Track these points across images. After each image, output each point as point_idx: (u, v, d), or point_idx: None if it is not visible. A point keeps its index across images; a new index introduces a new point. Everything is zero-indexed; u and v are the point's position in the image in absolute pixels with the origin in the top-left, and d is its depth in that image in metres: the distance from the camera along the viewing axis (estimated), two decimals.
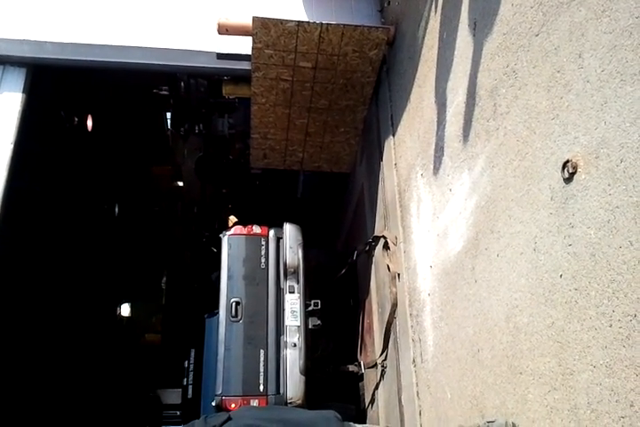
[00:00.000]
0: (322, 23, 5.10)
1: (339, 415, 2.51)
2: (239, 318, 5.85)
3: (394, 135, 5.31)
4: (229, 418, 2.33)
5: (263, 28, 5.08)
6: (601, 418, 2.11)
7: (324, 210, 8.80)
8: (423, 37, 4.55)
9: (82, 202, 8.73)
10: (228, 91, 6.40)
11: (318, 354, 6.29)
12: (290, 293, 6.05)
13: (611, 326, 2.08)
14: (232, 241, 6.26)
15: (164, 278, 13.98)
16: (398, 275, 4.87)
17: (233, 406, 5.34)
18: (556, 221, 2.47)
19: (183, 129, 9.19)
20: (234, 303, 5.89)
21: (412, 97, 4.79)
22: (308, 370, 5.76)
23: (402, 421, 4.56)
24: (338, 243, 8.46)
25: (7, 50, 5.55)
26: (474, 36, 3.52)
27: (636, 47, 2.03)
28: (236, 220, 10.04)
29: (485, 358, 3.13)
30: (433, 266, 4.06)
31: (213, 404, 5.50)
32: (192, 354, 6.99)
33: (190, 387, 6.90)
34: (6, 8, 5.74)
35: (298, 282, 6.12)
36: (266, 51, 5.24)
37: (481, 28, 3.41)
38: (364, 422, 5.76)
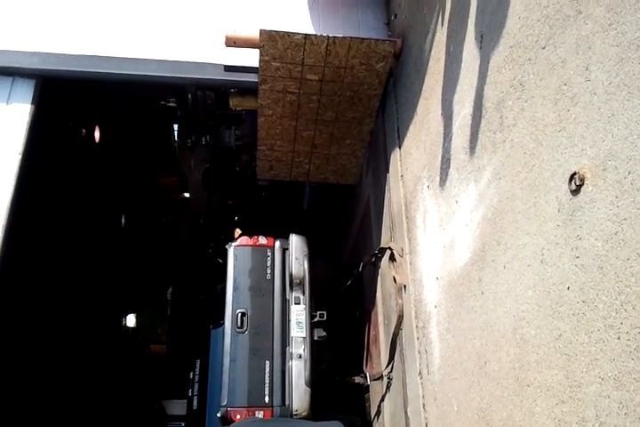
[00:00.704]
0: (329, 36, 5.13)
1: (343, 426, 2.49)
2: (245, 329, 5.85)
3: (400, 147, 5.32)
4: None
5: (270, 41, 5.11)
6: None
7: (331, 221, 8.81)
8: (430, 50, 4.57)
9: (89, 213, 8.76)
10: (235, 103, 6.43)
11: (324, 366, 6.28)
12: (295, 304, 6.05)
13: (619, 338, 2.07)
14: (238, 252, 6.28)
15: (170, 289, 13.98)
16: (404, 286, 4.87)
17: (238, 417, 5.32)
18: (563, 233, 2.47)
19: (190, 140, 9.22)
20: (239, 314, 5.90)
21: (419, 109, 4.80)
22: (314, 382, 5.74)
23: None
24: (344, 254, 8.46)
25: (17, 61, 5.60)
26: (480, 48, 3.54)
27: None
28: (240, 232, 10.05)
29: (492, 371, 3.12)
30: (439, 278, 4.05)
31: (218, 415, 5.49)
32: (197, 365, 6.98)
33: (195, 398, 6.88)
34: (16, 20, 5.79)
35: (303, 293, 6.13)
36: (273, 63, 5.27)
37: (488, 41, 3.42)
38: None
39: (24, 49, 5.62)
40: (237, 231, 10.45)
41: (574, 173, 2.39)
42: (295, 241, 6.41)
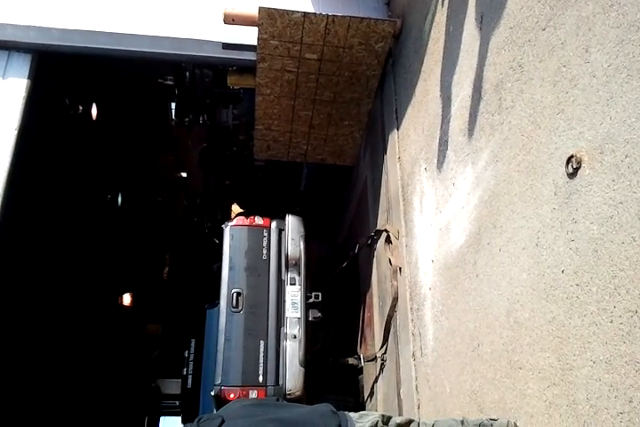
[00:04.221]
0: (328, 15, 5.08)
1: (333, 408, 2.48)
2: (240, 308, 5.85)
3: (398, 129, 5.30)
4: (223, 421, 2.29)
5: (269, 19, 5.06)
6: (599, 414, 2.11)
7: (327, 202, 8.79)
8: (429, 31, 4.53)
9: (85, 191, 8.73)
10: (233, 81, 6.38)
11: (318, 346, 6.30)
12: (291, 284, 6.05)
13: (611, 321, 2.07)
14: (234, 232, 6.26)
15: (166, 268, 13.99)
16: (400, 269, 4.87)
17: (232, 396, 5.35)
18: (559, 217, 2.46)
19: (187, 119, 9.18)
20: (235, 294, 5.90)
21: (417, 91, 4.77)
22: (308, 362, 5.76)
23: (400, 414, 4.56)
24: (340, 236, 8.46)
25: (13, 35, 5.53)
26: (480, 29, 3.50)
27: None
28: (240, 210, 10.02)
29: (485, 353, 3.13)
30: (435, 260, 4.05)
31: (212, 394, 5.51)
32: (192, 344, 7.01)
33: (190, 377, 6.92)
34: None
35: (299, 274, 6.12)
36: (271, 41, 5.22)
37: (488, 22, 3.39)
38: None
39: (20, 23, 5.55)
40: (234, 210, 10.43)
41: (571, 156, 2.38)
42: (291, 222, 6.40)
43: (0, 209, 5.03)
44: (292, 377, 5.64)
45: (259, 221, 6.34)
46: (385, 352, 5.27)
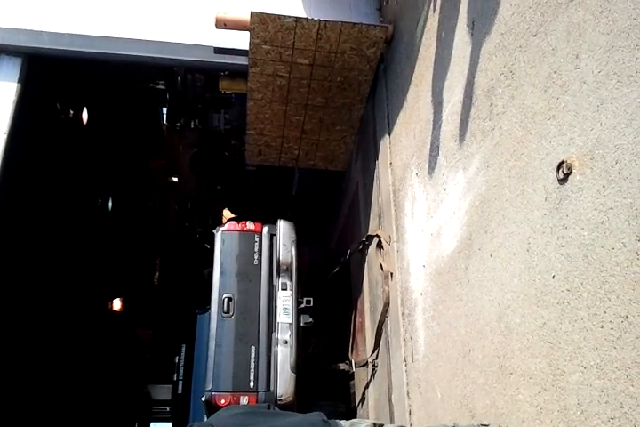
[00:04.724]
0: (320, 20, 5.09)
1: (324, 417, 2.45)
2: (231, 314, 5.84)
3: (390, 134, 5.30)
4: None
5: (261, 24, 5.06)
6: (590, 419, 2.10)
7: (319, 208, 8.79)
8: (421, 36, 4.54)
9: (76, 195, 8.69)
10: (225, 86, 6.39)
11: (309, 352, 6.29)
12: (282, 290, 6.04)
13: (602, 327, 2.07)
14: (225, 237, 6.25)
15: (157, 273, 13.95)
16: (391, 274, 4.87)
17: (223, 401, 5.33)
18: (549, 222, 2.47)
19: (179, 124, 9.18)
20: (226, 299, 5.88)
21: (409, 96, 4.78)
22: (299, 368, 5.75)
23: (392, 420, 4.55)
24: (331, 241, 8.45)
25: (3, 39, 5.52)
26: (472, 35, 3.51)
27: (633, 48, 2.02)
28: (231, 215, 10.01)
29: (476, 358, 3.12)
30: (426, 265, 4.05)
31: (203, 399, 5.49)
32: (183, 349, 6.97)
33: (180, 383, 6.88)
34: None
35: (290, 279, 6.11)
36: (263, 46, 5.22)
37: (479, 28, 3.40)
38: None
39: (11, 26, 5.53)
40: (225, 215, 10.42)
41: (562, 162, 2.38)
42: (283, 227, 6.39)
43: None
44: (284, 383, 5.62)
45: (250, 226, 6.33)
46: (376, 358, 5.26)
